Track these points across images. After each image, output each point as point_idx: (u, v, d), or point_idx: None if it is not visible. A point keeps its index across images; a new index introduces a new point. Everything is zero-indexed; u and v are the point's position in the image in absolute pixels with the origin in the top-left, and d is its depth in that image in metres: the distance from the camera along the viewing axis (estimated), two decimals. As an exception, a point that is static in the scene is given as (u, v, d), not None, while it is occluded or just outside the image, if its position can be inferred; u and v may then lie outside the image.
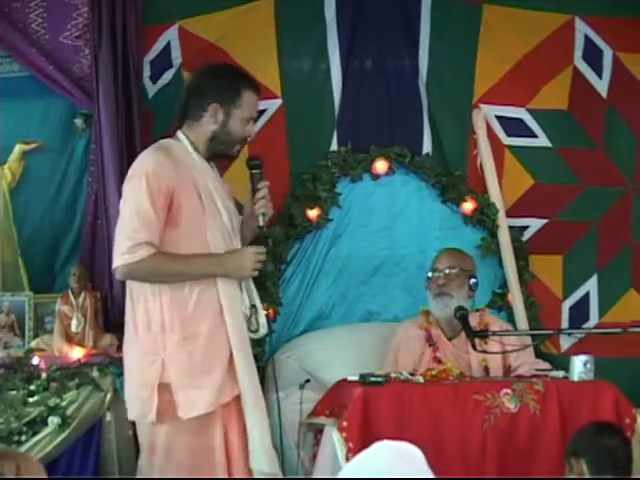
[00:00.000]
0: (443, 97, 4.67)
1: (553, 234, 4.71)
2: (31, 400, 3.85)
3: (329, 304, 4.57)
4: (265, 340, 4.37)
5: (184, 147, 3.43)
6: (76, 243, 4.38)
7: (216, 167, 3.54)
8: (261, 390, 3.39)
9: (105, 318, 4.20)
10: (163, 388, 3.27)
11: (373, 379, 3.51)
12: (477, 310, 4.16)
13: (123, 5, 4.21)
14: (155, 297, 3.32)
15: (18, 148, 4.31)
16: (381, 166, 4.57)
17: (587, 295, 4.72)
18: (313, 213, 4.48)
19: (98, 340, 4.11)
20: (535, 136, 4.68)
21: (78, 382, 3.89)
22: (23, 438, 3.81)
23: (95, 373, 3.93)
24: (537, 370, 3.87)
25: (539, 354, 4.40)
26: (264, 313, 3.48)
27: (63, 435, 3.85)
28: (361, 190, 4.60)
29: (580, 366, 3.58)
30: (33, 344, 4.15)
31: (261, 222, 3.45)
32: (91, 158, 4.32)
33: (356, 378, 3.57)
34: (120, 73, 4.20)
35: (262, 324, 3.45)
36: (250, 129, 3.49)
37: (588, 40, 4.67)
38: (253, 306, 3.43)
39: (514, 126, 4.68)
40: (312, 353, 4.40)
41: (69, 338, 4.09)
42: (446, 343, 4.04)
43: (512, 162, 4.69)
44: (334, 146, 4.60)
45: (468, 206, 4.62)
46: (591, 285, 4.72)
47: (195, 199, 3.34)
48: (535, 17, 4.64)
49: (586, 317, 4.71)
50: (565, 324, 4.70)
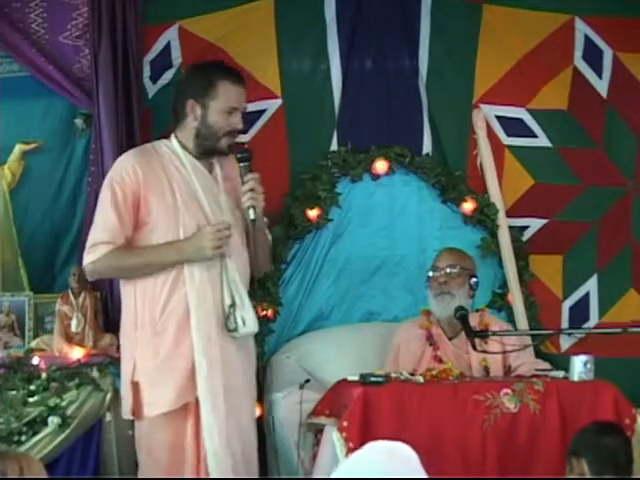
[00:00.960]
0: (443, 97, 4.66)
1: (553, 234, 4.70)
2: (31, 400, 3.85)
3: (329, 304, 4.56)
4: (265, 340, 4.38)
5: (172, 147, 3.47)
6: (76, 243, 4.37)
7: (221, 165, 3.55)
8: (222, 392, 3.36)
9: (105, 318, 4.20)
10: (136, 386, 3.35)
11: (373, 379, 3.51)
12: (477, 310, 4.16)
13: (123, 5, 4.20)
14: (131, 295, 3.44)
15: (18, 148, 4.31)
16: (381, 166, 4.57)
17: (587, 295, 4.72)
18: (313, 213, 4.48)
19: (98, 340, 4.11)
20: (535, 136, 4.68)
21: (78, 382, 3.89)
22: (23, 438, 3.81)
23: (95, 373, 3.92)
24: (537, 370, 3.87)
25: (539, 354, 4.40)
26: (252, 311, 3.45)
27: (63, 435, 3.85)
28: (361, 190, 4.59)
29: (580, 366, 3.58)
30: (33, 344, 4.15)
31: (251, 215, 3.44)
32: (91, 158, 4.32)
33: (356, 378, 3.57)
34: (120, 73, 4.20)
35: (243, 322, 3.40)
36: (234, 121, 3.48)
37: (588, 40, 4.67)
38: (232, 304, 3.41)
39: (514, 126, 4.68)
40: (312, 353, 4.40)
41: (69, 338, 4.09)
42: (446, 342, 4.05)
43: (512, 162, 4.69)
44: (334, 146, 4.60)
45: (468, 206, 4.62)
46: (591, 285, 4.72)
47: (168, 196, 3.40)
48: (535, 17, 4.64)
49: (586, 317, 4.71)
50: (565, 324, 4.69)
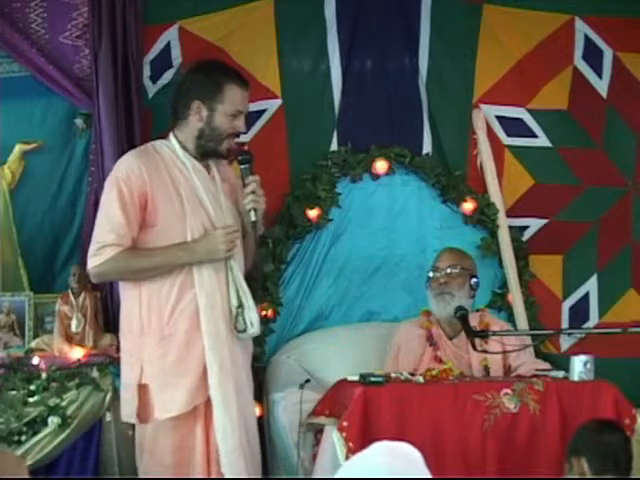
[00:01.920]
0: (443, 97, 4.66)
1: (553, 234, 4.71)
2: (31, 400, 3.85)
3: (329, 304, 4.56)
4: (265, 340, 4.38)
5: (173, 148, 3.45)
6: (76, 243, 4.38)
7: (216, 166, 3.55)
8: (233, 393, 3.36)
9: (105, 318, 4.20)
10: (143, 389, 3.32)
11: (373, 379, 3.50)
12: (477, 310, 4.16)
13: (123, 5, 4.20)
14: (135, 298, 3.39)
15: (18, 148, 4.30)
16: (381, 166, 4.57)
17: (587, 295, 4.72)
18: (313, 213, 4.48)
19: (98, 340, 4.11)
20: (535, 136, 4.68)
21: (78, 382, 3.89)
22: (23, 438, 3.81)
23: (95, 373, 3.93)
24: (537, 370, 3.87)
25: (539, 354, 4.41)
26: (257, 312, 3.45)
27: (63, 435, 3.85)
28: (361, 190, 4.59)
29: (580, 366, 3.58)
30: (33, 344, 4.15)
31: (252, 217, 3.44)
32: (91, 158, 4.32)
33: (356, 378, 3.57)
34: (120, 73, 4.19)
35: (251, 323, 3.42)
36: (238, 124, 3.47)
37: (588, 40, 4.67)
38: (240, 305, 3.42)
39: (514, 126, 4.68)
40: (312, 353, 4.40)
41: (69, 338, 4.09)
42: (447, 343, 4.05)
43: (512, 162, 4.69)
44: (334, 146, 4.60)
45: (468, 206, 4.62)
46: (591, 285, 4.72)
47: (174, 200, 3.37)
48: (535, 17, 4.64)
49: (586, 317, 4.71)
50: (565, 324, 4.70)
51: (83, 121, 4.33)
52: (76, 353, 4.02)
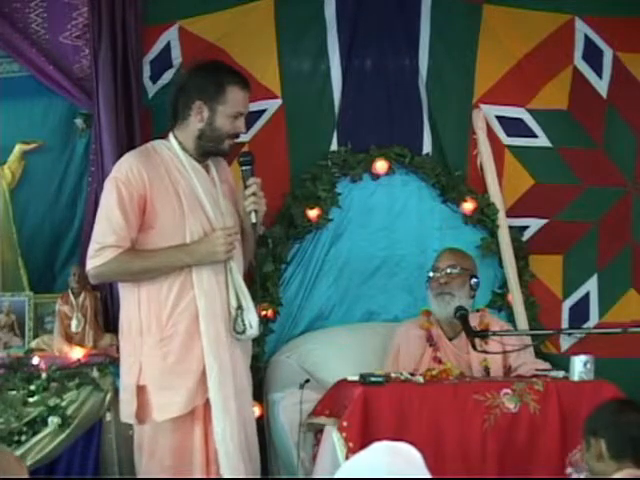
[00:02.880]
0: (443, 97, 4.66)
1: (553, 234, 4.71)
2: (31, 400, 3.85)
3: (329, 304, 4.56)
4: (265, 340, 4.38)
5: (172, 148, 3.44)
6: (76, 243, 4.37)
7: (216, 167, 3.55)
8: (233, 394, 3.36)
9: (105, 318, 4.20)
10: (142, 390, 3.32)
11: (373, 379, 3.51)
12: (477, 310, 4.16)
13: (123, 5, 4.20)
14: (134, 299, 3.39)
15: (18, 148, 4.30)
16: (381, 166, 4.57)
17: (587, 295, 4.72)
18: (313, 213, 4.48)
19: (98, 340, 4.10)
20: (535, 136, 4.68)
21: (78, 382, 3.89)
22: (23, 438, 3.81)
23: (95, 373, 3.92)
24: (537, 370, 3.87)
25: (539, 354, 4.41)
26: (256, 313, 3.45)
27: (63, 435, 3.85)
28: (361, 190, 4.59)
29: (580, 366, 3.58)
30: (33, 344, 4.15)
31: (253, 219, 3.44)
32: (91, 158, 4.31)
33: (356, 378, 3.57)
34: (120, 73, 4.19)
35: (250, 324, 3.42)
36: (239, 125, 3.48)
37: (588, 40, 4.67)
38: (239, 307, 3.42)
39: (514, 126, 4.68)
40: (312, 353, 4.40)
41: (69, 338, 4.09)
42: (447, 343, 4.05)
43: (512, 162, 4.69)
44: (334, 146, 4.59)
45: (468, 206, 4.62)
46: (591, 285, 4.72)
47: (173, 201, 3.37)
48: (535, 17, 4.64)
49: (586, 317, 4.71)
50: (565, 324, 4.70)
51: (83, 121, 4.33)
52: (76, 353, 4.02)
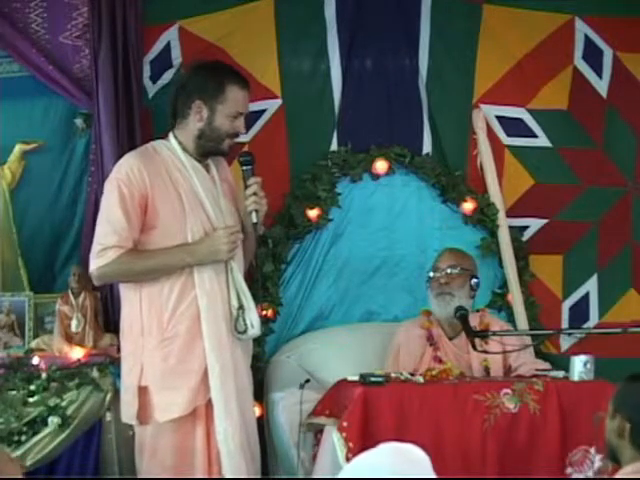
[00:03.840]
0: (443, 97, 4.66)
1: (553, 234, 4.71)
2: (31, 400, 3.84)
3: (329, 304, 4.56)
4: (265, 340, 4.38)
5: (172, 148, 3.44)
6: (76, 243, 4.37)
7: (216, 166, 3.55)
8: (234, 394, 3.36)
9: (105, 318, 4.20)
10: (143, 391, 3.32)
11: (373, 379, 3.51)
12: (477, 310, 4.16)
13: (123, 5, 4.20)
14: (135, 300, 3.39)
15: (18, 148, 4.30)
16: (381, 166, 4.57)
17: (587, 295, 4.72)
18: (313, 213, 4.48)
19: (98, 340, 4.10)
20: (535, 136, 4.68)
21: (78, 382, 3.89)
22: (23, 438, 3.81)
23: (95, 373, 3.92)
24: (537, 370, 3.87)
25: (539, 354, 4.41)
26: (256, 313, 3.45)
27: (63, 435, 3.85)
28: (361, 190, 4.59)
29: (580, 366, 3.58)
30: (33, 344, 4.15)
31: (254, 219, 3.44)
32: (91, 158, 4.32)
33: (356, 378, 3.57)
34: (120, 73, 4.19)
35: (252, 324, 3.42)
36: (239, 125, 3.48)
37: (588, 40, 4.67)
38: (240, 307, 3.42)
39: (514, 126, 4.68)
40: (312, 353, 4.40)
41: (69, 338, 4.09)
42: (447, 342, 4.05)
43: (512, 162, 4.69)
44: (334, 146, 4.59)
45: (468, 206, 4.62)
46: (591, 285, 4.72)
47: (174, 201, 3.36)
48: (535, 17, 4.64)
49: (586, 317, 4.71)
50: (565, 324, 4.70)
51: (83, 121, 4.33)
52: (76, 353, 4.02)
